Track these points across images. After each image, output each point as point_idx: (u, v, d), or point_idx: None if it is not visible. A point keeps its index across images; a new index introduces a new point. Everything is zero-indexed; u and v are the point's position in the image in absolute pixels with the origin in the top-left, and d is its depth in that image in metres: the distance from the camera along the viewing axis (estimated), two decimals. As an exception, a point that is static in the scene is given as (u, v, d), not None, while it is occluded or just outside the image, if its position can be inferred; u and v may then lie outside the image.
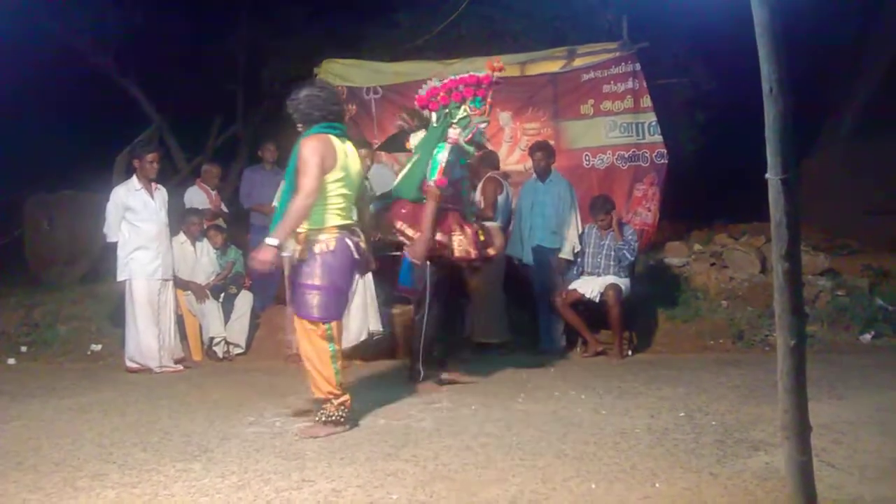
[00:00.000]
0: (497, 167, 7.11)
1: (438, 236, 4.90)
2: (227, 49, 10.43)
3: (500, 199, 6.78)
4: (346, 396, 4.09)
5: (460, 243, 4.94)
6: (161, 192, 6.56)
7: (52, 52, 9.40)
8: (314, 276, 4.03)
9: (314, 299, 4.02)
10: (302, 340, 4.09)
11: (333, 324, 4.07)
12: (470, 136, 5.06)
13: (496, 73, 5.14)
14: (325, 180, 4.02)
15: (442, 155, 4.95)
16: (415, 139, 5.48)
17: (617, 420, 4.14)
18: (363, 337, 6.21)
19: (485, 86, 5.09)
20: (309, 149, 4.02)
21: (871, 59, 10.33)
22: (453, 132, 5.02)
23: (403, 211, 5.06)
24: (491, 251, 5.32)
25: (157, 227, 6.41)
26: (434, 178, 4.90)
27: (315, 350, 4.04)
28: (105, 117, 10.20)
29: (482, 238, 5.14)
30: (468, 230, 5.03)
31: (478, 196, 6.53)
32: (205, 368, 6.59)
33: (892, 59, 10.00)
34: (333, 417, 4.04)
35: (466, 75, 5.17)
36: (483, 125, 5.15)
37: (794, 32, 2.41)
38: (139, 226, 6.41)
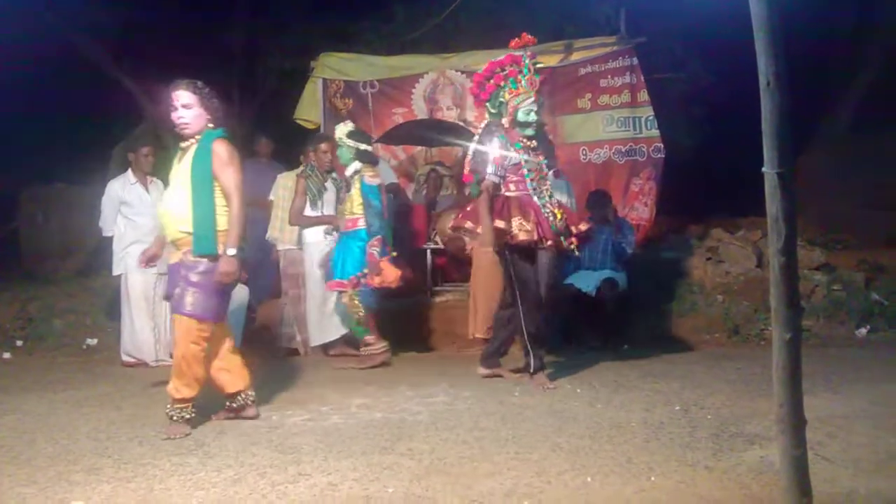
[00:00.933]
0: None
1: (498, 223, 4.84)
2: (223, 43, 10.38)
3: None
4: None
5: (520, 227, 4.82)
6: (157, 186, 6.49)
7: (47, 46, 9.34)
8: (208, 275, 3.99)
9: (211, 299, 4.00)
10: (183, 340, 3.99)
11: (214, 325, 4.07)
12: (510, 117, 5.02)
13: (518, 50, 5.11)
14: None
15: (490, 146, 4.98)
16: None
17: (612, 414, 4.15)
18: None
19: (508, 66, 5.07)
20: (231, 149, 4.10)
21: (868, 53, 10.32)
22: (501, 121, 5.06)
23: (468, 209, 5.22)
24: (578, 228, 5.17)
25: (152, 221, 6.37)
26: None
27: (195, 350, 4.00)
28: (100, 111, 10.15)
29: (557, 219, 4.98)
30: (531, 212, 4.90)
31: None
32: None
33: (889, 53, 10.00)
34: (187, 416, 4.02)
35: (486, 66, 5.17)
36: (526, 101, 5.02)
37: (791, 25, 2.40)
38: (135, 220, 6.41)
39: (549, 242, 4.92)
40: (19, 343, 7.26)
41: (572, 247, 5.08)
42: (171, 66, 9.97)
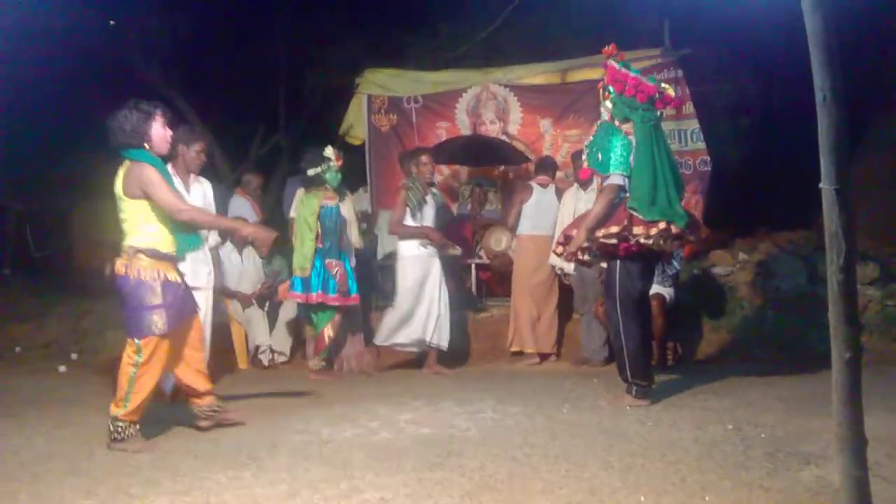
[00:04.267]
0: (552, 172, 7.18)
1: (612, 228, 4.66)
2: (270, 59, 10.58)
3: (529, 205, 6.90)
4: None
5: (645, 233, 4.63)
6: (201, 187, 5.73)
7: (100, 67, 9.62)
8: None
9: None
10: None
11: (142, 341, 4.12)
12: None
13: (609, 58, 5.02)
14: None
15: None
16: None
17: (663, 432, 4.10)
18: (424, 347, 6.41)
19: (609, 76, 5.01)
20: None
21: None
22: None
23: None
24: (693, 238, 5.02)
25: None
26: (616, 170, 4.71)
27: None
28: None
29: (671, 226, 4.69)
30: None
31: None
32: (250, 377, 6.68)
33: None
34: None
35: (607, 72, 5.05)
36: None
37: (842, 32, 2.37)
38: None
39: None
40: (74, 356, 7.43)
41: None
42: (219, 83, 10.26)
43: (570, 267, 6.70)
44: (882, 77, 10.26)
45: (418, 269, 6.41)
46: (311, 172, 6.36)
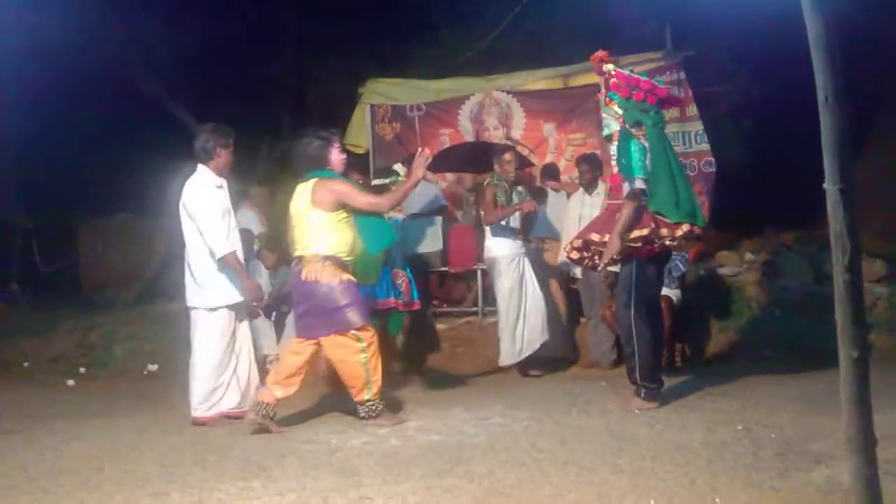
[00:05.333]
0: (557, 178, 7.19)
1: (640, 231, 4.64)
2: (275, 71, 10.61)
3: (548, 208, 6.90)
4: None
5: (670, 234, 4.66)
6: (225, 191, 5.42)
7: (106, 81, 9.67)
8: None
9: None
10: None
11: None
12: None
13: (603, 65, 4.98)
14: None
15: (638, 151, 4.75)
16: None
17: (673, 434, 4.09)
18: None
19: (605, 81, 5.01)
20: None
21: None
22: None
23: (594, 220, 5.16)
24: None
25: None
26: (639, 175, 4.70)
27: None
28: (158, 143, 10.43)
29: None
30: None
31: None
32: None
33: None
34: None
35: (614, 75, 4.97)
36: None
37: (843, 30, 2.37)
38: None
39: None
40: (82, 370, 7.46)
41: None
42: (224, 94, 10.30)
43: (577, 271, 6.70)
44: (886, 75, 10.25)
45: (513, 268, 6.29)
46: (377, 183, 6.39)
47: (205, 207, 5.02)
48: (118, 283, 9.92)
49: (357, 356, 4.61)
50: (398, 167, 6.54)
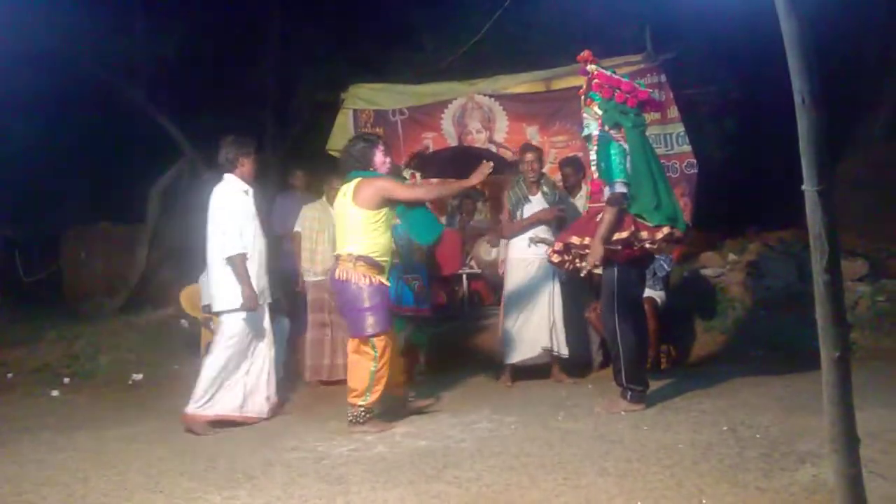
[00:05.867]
0: None
1: (620, 234, 4.65)
2: (256, 77, 10.58)
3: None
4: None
5: (649, 237, 4.66)
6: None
7: (84, 87, 9.60)
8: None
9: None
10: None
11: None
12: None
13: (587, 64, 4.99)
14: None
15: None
16: None
17: (659, 436, 4.11)
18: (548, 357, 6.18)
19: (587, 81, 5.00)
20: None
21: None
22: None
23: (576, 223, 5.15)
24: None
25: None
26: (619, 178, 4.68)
27: None
28: (139, 150, 10.40)
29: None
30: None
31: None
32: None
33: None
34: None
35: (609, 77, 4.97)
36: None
37: (819, 32, 2.39)
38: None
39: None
40: (67, 381, 7.38)
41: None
42: (206, 101, 10.27)
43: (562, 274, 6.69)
44: (863, 73, 10.36)
45: (522, 270, 6.14)
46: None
47: (222, 206, 5.24)
48: (102, 292, 9.86)
49: (368, 363, 4.70)
50: (405, 172, 6.54)
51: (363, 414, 4.70)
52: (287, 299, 7.36)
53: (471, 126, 8.81)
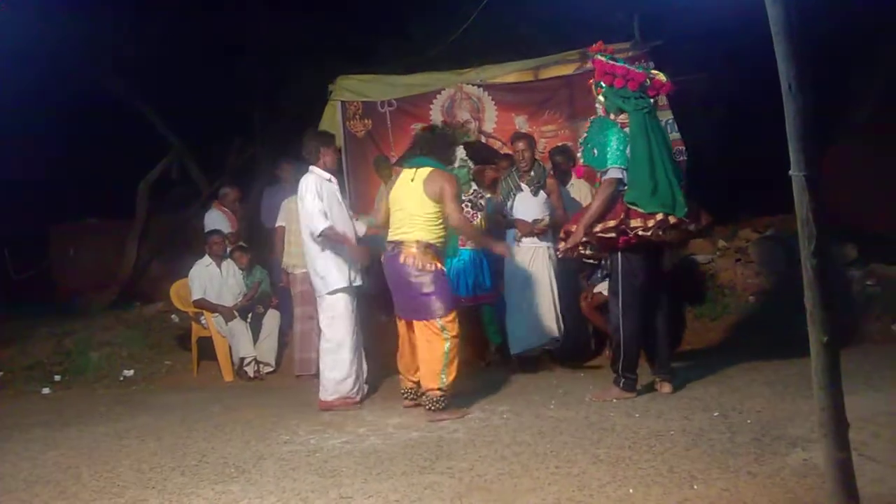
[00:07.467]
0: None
1: (609, 222, 4.67)
2: (243, 70, 10.52)
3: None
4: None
5: (643, 224, 4.64)
6: (333, 185, 5.65)
7: (70, 82, 9.54)
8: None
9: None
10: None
11: None
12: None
13: (596, 54, 5.03)
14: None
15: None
16: None
17: (651, 423, 4.12)
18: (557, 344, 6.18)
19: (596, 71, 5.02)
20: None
21: (888, 41, 10.19)
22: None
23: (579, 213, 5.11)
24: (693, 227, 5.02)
25: None
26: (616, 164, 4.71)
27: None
28: (124, 144, 10.33)
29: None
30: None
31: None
32: (237, 389, 6.64)
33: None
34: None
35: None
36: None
37: (806, 19, 2.39)
38: None
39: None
40: (58, 377, 7.35)
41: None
42: (194, 95, 10.22)
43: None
44: (852, 59, 10.36)
45: (518, 257, 6.10)
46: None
47: (308, 189, 5.34)
48: (92, 288, 9.82)
49: (440, 345, 4.70)
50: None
51: (441, 399, 4.65)
52: (275, 292, 7.36)
53: (460, 116, 8.78)
